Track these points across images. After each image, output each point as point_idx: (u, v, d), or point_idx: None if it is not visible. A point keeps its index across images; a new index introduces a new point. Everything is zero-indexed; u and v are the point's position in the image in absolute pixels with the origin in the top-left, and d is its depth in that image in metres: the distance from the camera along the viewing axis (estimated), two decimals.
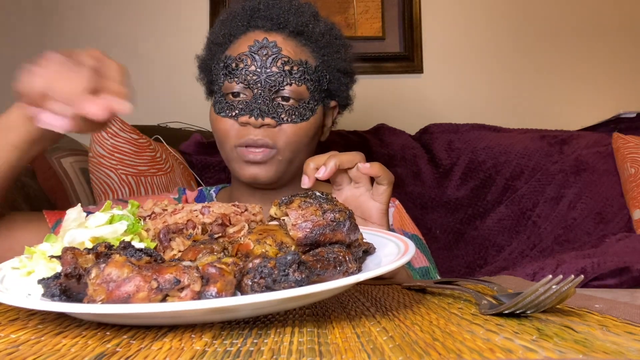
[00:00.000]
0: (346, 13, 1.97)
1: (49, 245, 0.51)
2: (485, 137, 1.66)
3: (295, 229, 0.47)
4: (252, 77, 0.89)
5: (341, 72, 0.98)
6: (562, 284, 0.41)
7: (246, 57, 0.90)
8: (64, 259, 0.42)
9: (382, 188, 0.72)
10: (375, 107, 1.94)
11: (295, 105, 0.90)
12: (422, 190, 1.59)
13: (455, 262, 1.52)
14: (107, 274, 0.38)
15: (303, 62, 0.91)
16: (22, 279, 0.47)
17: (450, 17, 2.01)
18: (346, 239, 0.48)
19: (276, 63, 0.89)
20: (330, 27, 0.98)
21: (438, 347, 0.33)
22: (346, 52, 0.99)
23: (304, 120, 0.90)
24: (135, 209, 0.54)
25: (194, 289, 0.37)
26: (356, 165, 0.71)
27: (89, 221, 0.51)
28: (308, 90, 0.91)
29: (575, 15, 2.02)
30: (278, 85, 0.89)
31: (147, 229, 0.52)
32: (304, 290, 0.38)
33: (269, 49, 0.89)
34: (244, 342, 0.35)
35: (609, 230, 1.42)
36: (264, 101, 0.88)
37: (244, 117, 0.88)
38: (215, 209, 0.53)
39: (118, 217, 0.51)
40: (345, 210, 0.49)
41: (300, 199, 0.49)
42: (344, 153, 0.71)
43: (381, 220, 0.73)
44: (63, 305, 0.37)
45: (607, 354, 0.31)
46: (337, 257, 0.44)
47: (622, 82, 2.02)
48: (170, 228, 0.50)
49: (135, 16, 1.96)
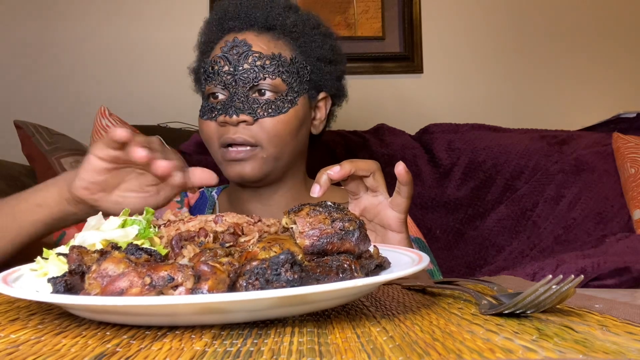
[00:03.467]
0: (346, 13, 1.97)
1: (64, 248, 0.51)
2: (485, 137, 1.65)
3: (303, 237, 0.46)
4: (227, 78, 0.90)
5: (322, 62, 0.97)
6: (562, 284, 0.41)
7: (220, 59, 0.91)
8: (70, 256, 0.43)
9: (401, 199, 0.70)
10: (375, 107, 1.94)
11: (271, 99, 0.90)
12: (422, 190, 1.59)
13: (455, 262, 1.52)
14: (103, 269, 0.39)
15: (276, 56, 0.91)
16: (38, 279, 0.48)
17: (450, 17, 2.01)
18: (355, 249, 0.47)
19: (247, 60, 0.90)
20: (306, 17, 0.98)
21: (438, 347, 0.33)
22: (325, 41, 0.98)
23: (281, 113, 0.90)
24: (150, 215, 0.55)
25: (186, 287, 0.37)
26: (372, 175, 0.70)
27: (103, 225, 0.52)
28: (284, 83, 0.91)
29: (575, 15, 2.02)
30: (252, 81, 0.89)
31: (160, 236, 0.53)
32: (293, 291, 0.36)
33: (240, 47, 0.91)
34: (244, 343, 0.35)
35: (609, 230, 1.42)
36: (239, 99, 0.89)
37: (221, 117, 0.89)
38: (228, 219, 0.53)
39: (130, 222, 0.52)
40: (356, 220, 0.48)
41: (310, 207, 0.49)
42: (360, 160, 0.70)
43: (400, 228, 0.72)
44: (54, 297, 0.38)
45: (607, 354, 0.31)
46: (342, 265, 0.43)
47: (622, 82, 2.02)
48: (182, 235, 0.50)
49: (135, 16, 1.96)
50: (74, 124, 1.70)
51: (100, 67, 1.93)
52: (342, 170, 0.67)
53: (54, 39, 1.91)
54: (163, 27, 1.96)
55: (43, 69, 1.90)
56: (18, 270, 0.50)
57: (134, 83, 1.93)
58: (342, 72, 1.03)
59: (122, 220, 0.53)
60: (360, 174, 0.70)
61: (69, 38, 1.92)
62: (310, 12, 1.01)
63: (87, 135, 1.42)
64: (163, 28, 1.96)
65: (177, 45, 1.94)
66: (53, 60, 1.90)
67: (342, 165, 0.68)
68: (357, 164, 0.69)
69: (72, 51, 1.91)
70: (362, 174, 0.70)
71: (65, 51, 1.91)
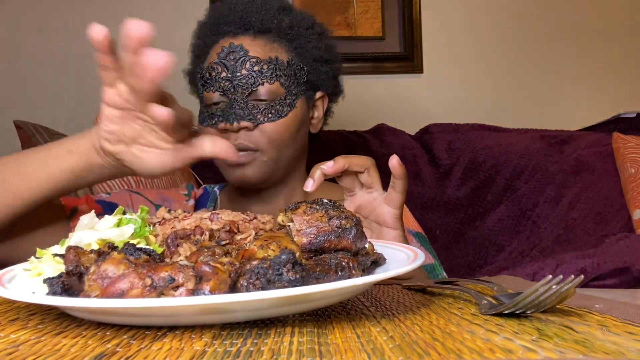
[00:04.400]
0: (346, 13, 1.97)
1: (59, 248, 0.51)
2: (485, 137, 1.65)
3: (300, 235, 0.46)
4: (225, 84, 0.90)
5: (319, 62, 0.97)
6: (562, 284, 0.41)
7: (217, 65, 0.91)
8: (67, 257, 0.42)
9: (395, 194, 0.70)
10: (375, 107, 1.94)
11: (271, 104, 0.90)
12: (422, 190, 1.59)
13: (455, 262, 1.52)
14: (103, 270, 0.38)
15: (273, 60, 0.91)
16: (31, 279, 0.48)
17: (450, 17, 2.01)
18: (352, 247, 0.47)
19: (245, 65, 0.90)
20: (300, 17, 0.98)
21: (438, 347, 0.33)
22: (320, 40, 0.98)
23: (281, 117, 0.90)
24: (145, 213, 0.54)
25: (187, 287, 0.37)
26: (366, 170, 0.70)
27: (98, 224, 0.52)
28: (283, 87, 0.91)
29: (575, 15, 2.02)
30: (250, 87, 0.89)
31: (156, 235, 0.53)
32: (296, 290, 0.36)
33: (236, 52, 0.90)
34: (244, 343, 0.35)
35: (609, 230, 1.41)
36: (238, 105, 0.89)
37: (221, 124, 0.89)
38: (224, 217, 0.53)
39: (126, 221, 0.52)
40: (352, 217, 0.48)
41: (307, 205, 0.49)
42: (355, 156, 0.70)
43: (396, 224, 0.72)
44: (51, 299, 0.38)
45: (607, 354, 0.31)
46: (340, 263, 0.43)
47: (622, 82, 2.02)
48: (178, 234, 0.50)
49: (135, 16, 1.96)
50: (74, 124, 1.69)
51: None
52: (335, 165, 0.67)
53: (54, 38, 1.91)
54: (163, 27, 1.96)
55: (43, 69, 1.90)
56: (11, 271, 0.50)
57: None
58: (337, 70, 1.03)
59: (117, 219, 0.52)
60: (355, 170, 0.69)
61: (69, 37, 1.92)
62: (304, 12, 1.00)
63: None
64: (163, 28, 1.96)
65: (176, 45, 1.94)
66: (53, 60, 1.90)
67: (336, 161, 0.67)
68: (351, 159, 0.68)
69: (72, 51, 1.91)
70: (356, 170, 0.70)
71: (65, 51, 1.91)
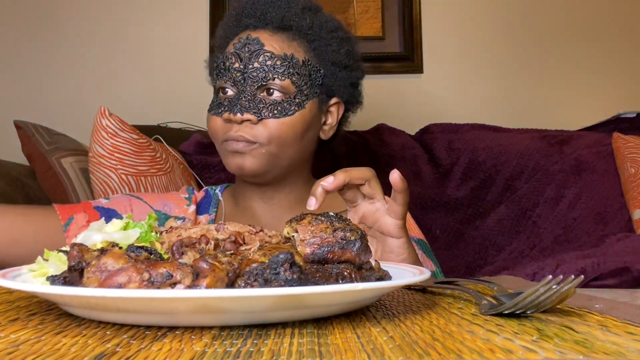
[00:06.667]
0: (346, 13, 1.97)
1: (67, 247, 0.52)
2: (485, 137, 1.65)
3: (303, 245, 0.46)
4: (236, 75, 0.90)
5: (337, 66, 0.96)
6: (562, 284, 0.41)
7: (232, 55, 0.91)
8: (70, 253, 0.43)
9: (396, 207, 0.69)
10: (375, 107, 1.94)
11: (279, 100, 0.89)
12: (422, 190, 1.59)
13: (455, 262, 1.52)
14: (102, 263, 0.39)
15: (288, 57, 0.90)
16: (36, 279, 0.48)
17: (450, 17, 2.01)
18: (356, 259, 0.46)
19: (258, 59, 0.89)
20: (324, 20, 0.97)
21: (438, 347, 0.33)
22: (342, 46, 0.97)
23: (287, 116, 0.89)
24: (152, 220, 0.55)
25: (185, 284, 0.37)
26: (367, 182, 0.69)
27: (106, 227, 0.53)
28: (294, 85, 0.90)
29: (575, 15, 2.02)
30: (260, 80, 0.89)
31: (162, 242, 0.53)
32: (291, 290, 0.36)
33: (252, 45, 0.90)
34: (244, 343, 0.35)
35: (609, 230, 1.42)
36: (245, 97, 0.88)
37: (226, 114, 0.89)
38: (230, 227, 0.53)
39: (132, 225, 0.52)
40: (357, 230, 0.48)
41: (312, 216, 0.49)
42: (355, 168, 0.69)
43: (399, 234, 0.71)
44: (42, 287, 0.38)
45: (607, 354, 0.31)
46: (342, 272, 0.43)
47: (622, 82, 2.02)
48: (183, 242, 0.50)
49: (135, 16, 1.96)
50: (74, 124, 1.69)
51: (100, 67, 1.93)
52: (336, 180, 0.66)
53: (54, 38, 1.91)
54: (163, 27, 1.96)
55: (43, 69, 1.90)
56: (17, 270, 0.51)
57: (134, 83, 1.93)
58: (357, 79, 1.02)
59: (124, 223, 0.53)
60: (356, 183, 0.69)
61: (69, 38, 1.92)
62: (330, 15, 1.00)
63: (87, 135, 1.41)
64: (163, 28, 1.96)
65: (177, 45, 1.95)
66: (53, 60, 1.90)
67: (336, 176, 0.66)
68: (351, 173, 0.67)
69: (72, 51, 1.91)
70: (357, 183, 0.69)
71: (65, 51, 1.91)
